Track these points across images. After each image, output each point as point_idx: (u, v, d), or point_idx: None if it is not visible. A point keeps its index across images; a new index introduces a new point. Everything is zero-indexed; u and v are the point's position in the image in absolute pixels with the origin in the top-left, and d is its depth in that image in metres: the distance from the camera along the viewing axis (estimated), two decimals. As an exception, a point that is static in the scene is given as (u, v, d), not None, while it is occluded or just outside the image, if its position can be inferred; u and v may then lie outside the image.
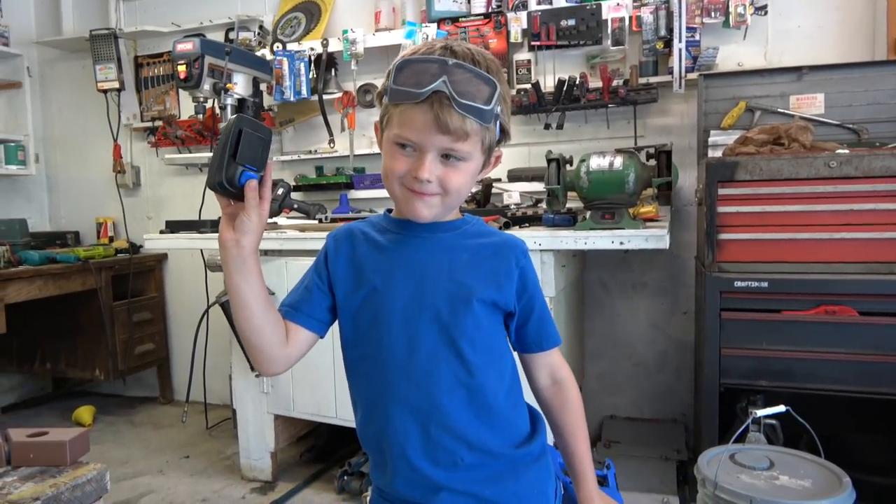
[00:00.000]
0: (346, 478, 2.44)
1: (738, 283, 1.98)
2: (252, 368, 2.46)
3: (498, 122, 0.93)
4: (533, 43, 2.80)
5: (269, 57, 3.13)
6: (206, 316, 2.77)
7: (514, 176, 2.85)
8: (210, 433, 3.20)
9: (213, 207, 2.83)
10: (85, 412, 3.37)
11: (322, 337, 1.02)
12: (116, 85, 3.49)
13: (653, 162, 2.09)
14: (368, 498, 1.06)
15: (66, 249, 3.33)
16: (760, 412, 1.58)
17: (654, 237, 1.95)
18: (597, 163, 2.03)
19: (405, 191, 0.93)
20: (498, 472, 0.97)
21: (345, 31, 2.97)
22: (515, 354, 1.06)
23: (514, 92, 2.86)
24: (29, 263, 3.01)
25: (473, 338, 0.95)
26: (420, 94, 0.86)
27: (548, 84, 2.80)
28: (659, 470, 2.32)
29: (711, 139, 2.48)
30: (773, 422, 1.99)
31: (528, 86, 2.75)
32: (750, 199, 2.01)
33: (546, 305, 1.04)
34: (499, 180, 2.85)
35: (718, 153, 2.36)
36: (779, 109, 2.47)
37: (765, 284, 1.96)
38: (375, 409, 0.98)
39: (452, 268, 0.97)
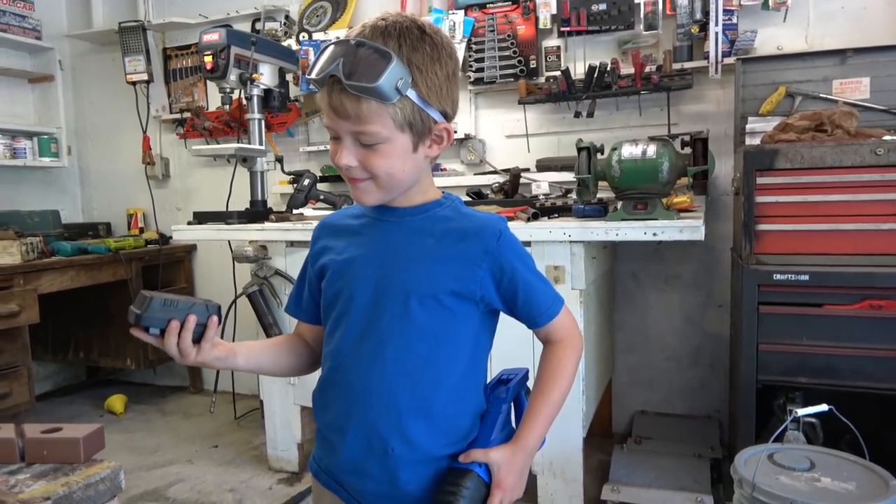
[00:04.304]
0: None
1: (778, 276, 1.90)
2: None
3: (417, 97, 0.88)
4: (563, 29, 2.73)
5: (294, 47, 3.12)
6: (233, 306, 2.77)
7: (543, 166, 2.80)
8: (238, 423, 3.22)
9: (241, 199, 2.83)
10: (117, 401, 3.42)
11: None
12: (145, 77, 3.51)
13: (688, 150, 2.02)
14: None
15: (97, 240, 3.37)
16: (802, 411, 1.51)
17: (688, 228, 1.88)
18: (629, 151, 1.96)
19: (347, 179, 0.94)
20: (422, 466, 0.96)
21: (362, 24, 2.93)
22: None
23: (542, 79, 2.80)
24: (61, 254, 3.05)
25: (424, 329, 0.93)
26: (316, 80, 0.87)
27: (578, 71, 2.73)
28: (692, 468, 2.25)
29: (749, 126, 2.39)
30: (814, 421, 1.92)
31: (558, 73, 2.69)
32: (790, 188, 1.93)
33: (533, 280, 0.98)
34: (527, 170, 2.79)
35: (756, 141, 2.28)
36: (821, 95, 2.37)
37: (805, 277, 1.87)
38: (327, 387, 1.01)
39: (414, 254, 0.95)
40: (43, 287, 2.87)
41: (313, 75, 0.87)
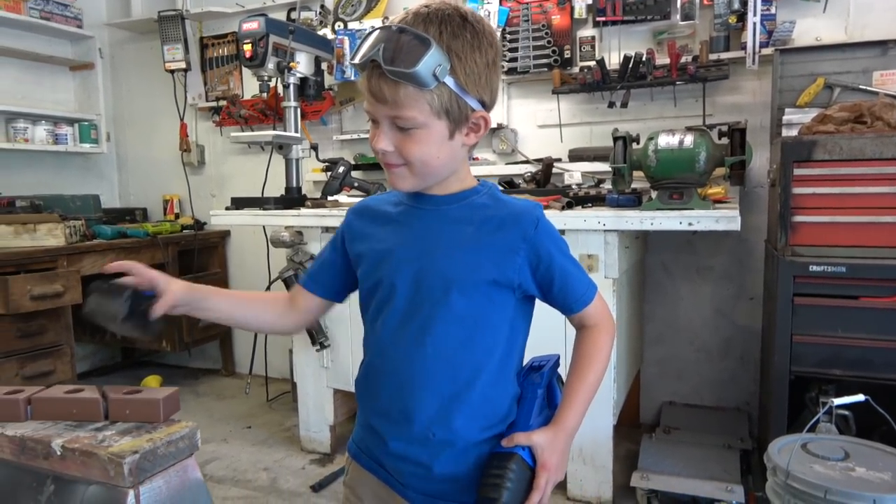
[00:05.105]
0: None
1: (814, 268, 1.90)
2: (312, 343, 2.51)
3: (455, 84, 0.89)
4: (598, 19, 2.73)
5: (330, 36, 3.16)
6: (268, 291, 2.84)
7: (576, 156, 2.81)
8: (270, 405, 3.29)
9: (276, 185, 2.88)
10: (153, 381, 3.51)
11: (339, 302, 1.11)
12: (183, 65, 3.57)
13: (725, 140, 2.02)
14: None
15: (135, 225, 3.46)
16: (838, 400, 1.52)
17: (725, 218, 1.88)
18: (666, 141, 1.97)
19: (383, 164, 0.95)
20: (461, 450, 0.97)
21: (405, 9, 2.96)
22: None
23: (576, 69, 2.81)
24: (102, 238, 3.14)
25: (463, 316, 0.95)
26: (358, 64, 0.87)
27: (612, 61, 2.73)
28: (721, 458, 2.26)
29: (786, 117, 2.37)
30: (847, 413, 1.92)
31: (592, 63, 2.69)
32: (828, 179, 1.92)
33: (569, 266, 0.99)
34: (559, 160, 2.80)
35: (793, 132, 2.26)
36: (861, 86, 2.34)
37: (842, 269, 1.87)
38: (370, 375, 1.03)
39: (453, 243, 0.96)
40: (85, 269, 2.95)
41: (356, 60, 0.88)
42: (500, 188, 2.61)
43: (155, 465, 0.67)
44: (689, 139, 1.95)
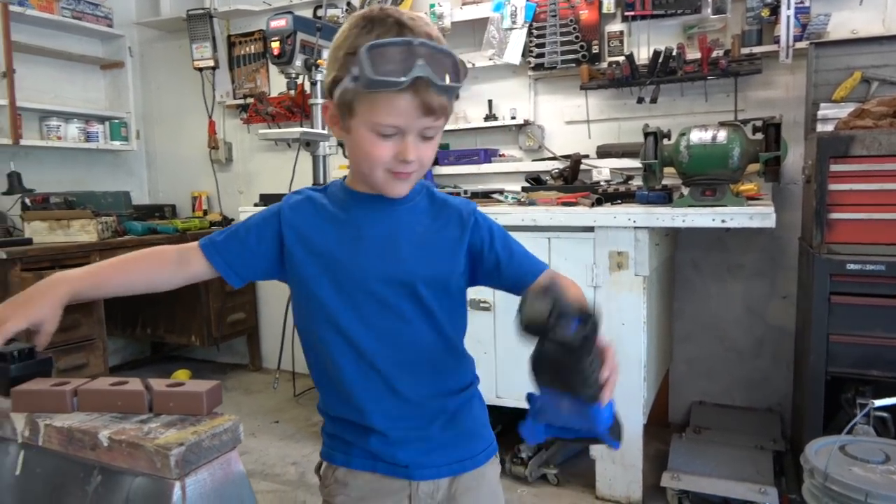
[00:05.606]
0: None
1: (851, 266, 1.86)
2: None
3: None
4: (627, 13, 2.70)
5: (356, 33, 3.16)
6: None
7: (604, 152, 2.78)
8: (297, 400, 3.32)
9: (303, 182, 2.90)
10: (182, 375, 3.56)
11: (234, 285, 1.02)
12: (211, 63, 3.61)
13: (759, 136, 1.98)
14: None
15: (165, 221, 3.50)
16: (879, 402, 1.48)
17: (759, 215, 1.85)
18: (698, 136, 1.94)
19: (387, 174, 0.92)
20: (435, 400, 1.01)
21: (431, 6, 2.95)
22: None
23: (605, 65, 2.78)
24: (133, 233, 3.18)
25: (448, 306, 0.99)
26: (403, 82, 0.83)
27: (641, 56, 2.70)
28: (754, 459, 2.22)
29: (821, 112, 2.33)
30: (885, 414, 1.88)
31: (621, 58, 2.66)
32: (866, 175, 1.88)
33: (516, 246, 1.03)
34: (587, 156, 2.78)
35: (829, 127, 2.22)
36: (899, 80, 2.29)
37: (881, 267, 1.83)
38: (341, 382, 0.99)
39: (413, 240, 0.97)
40: (116, 264, 3.00)
41: (401, 78, 0.83)
42: (527, 185, 2.62)
43: (200, 458, 0.68)
44: (722, 134, 1.92)
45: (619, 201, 2.24)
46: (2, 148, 3.12)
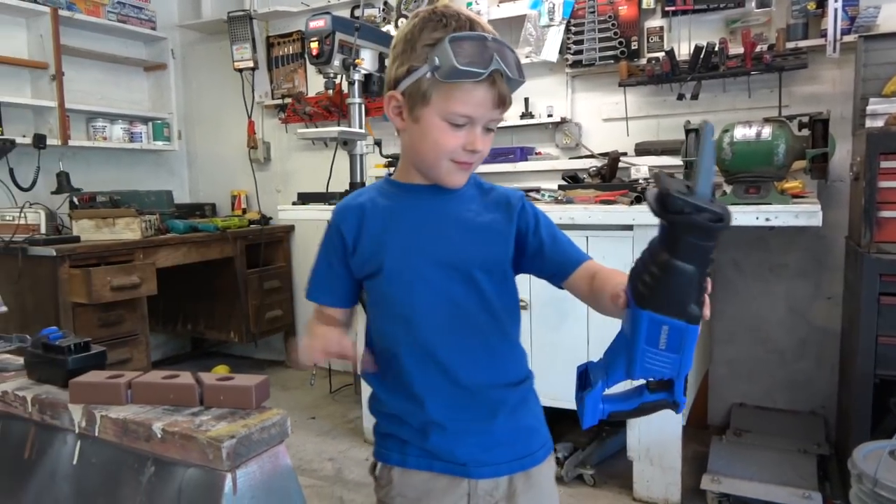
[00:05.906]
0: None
1: (902, 266, 1.80)
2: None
3: None
4: (667, 8, 2.66)
5: (393, 33, 3.18)
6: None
7: (643, 149, 2.75)
8: (333, 397, 3.36)
9: (340, 181, 2.92)
10: (221, 370, 3.63)
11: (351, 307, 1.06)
12: (251, 64, 3.67)
13: (805, 132, 1.94)
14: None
15: (205, 219, 3.58)
16: (932, 406, 1.43)
17: (805, 214, 1.81)
18: (742, 133, 1.90)
19: (451, 164, 0.95)
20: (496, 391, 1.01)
21: (469, 4, 2.95)
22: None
23: (644, 61, 2.74)
24: (175, 232, 3.26)
25: (501, 291, 0.99)
26: (484, 73, 0.87)
27: (681, 52, 2.65)
28: (796, 463, 2.17)
29: (870, 108, 2.26)
30: (937, 419, 1.82)
31: (661, 54, 2.62)
32: (919, 173, 1.82)
33: (560, 234, 1.03)
34: (625, 154, 2.75)
35: (878, 123, 2.15)
36: (954, 74, 2.21)
37: (934, 267, 1.77)
38: (400, 371, 1.00)
39: (466, 225, 0.98)
40: (159, 262, 3.08)
41: (483, 69, 0.87)
42: (564, 183, 2.60)
43: (250, 451, 0.69)
44: (766, 131, 1.88)
45: (659, 199, 2.20)
46: (51, 148, 3.22)
